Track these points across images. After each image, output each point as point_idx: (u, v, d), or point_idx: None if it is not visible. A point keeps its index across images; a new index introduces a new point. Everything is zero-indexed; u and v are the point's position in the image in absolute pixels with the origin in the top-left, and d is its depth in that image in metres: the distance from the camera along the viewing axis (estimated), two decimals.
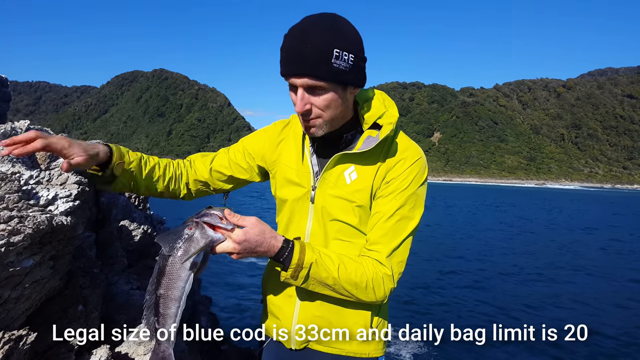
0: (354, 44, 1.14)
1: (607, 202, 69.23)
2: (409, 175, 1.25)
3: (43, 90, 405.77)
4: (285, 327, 1.37)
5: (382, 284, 1.22)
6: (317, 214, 1.31)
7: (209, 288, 8.48)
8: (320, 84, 1.12)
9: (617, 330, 8.11)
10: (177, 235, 1.11)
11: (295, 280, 1.19)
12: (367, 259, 1.24)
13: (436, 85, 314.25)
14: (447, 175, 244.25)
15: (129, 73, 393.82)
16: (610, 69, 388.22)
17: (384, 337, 1.38)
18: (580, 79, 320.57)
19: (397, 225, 1.24)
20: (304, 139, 1.36)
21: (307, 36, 1.09)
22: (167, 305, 1.11)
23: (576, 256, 16.40)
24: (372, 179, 1.26)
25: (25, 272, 1.33)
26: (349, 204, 1.26)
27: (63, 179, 1.82)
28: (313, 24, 1.11)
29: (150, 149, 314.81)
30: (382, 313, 1.37)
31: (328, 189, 1.28)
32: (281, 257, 1.16)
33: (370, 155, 1.26)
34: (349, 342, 1.33)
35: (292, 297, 1.35)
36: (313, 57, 1.09)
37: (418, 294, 10.08)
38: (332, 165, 1.27)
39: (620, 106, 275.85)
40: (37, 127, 2.09)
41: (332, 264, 1.19)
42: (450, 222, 26.78)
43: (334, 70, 1.11)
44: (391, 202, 1.24)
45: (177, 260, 1.10)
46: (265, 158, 1.44)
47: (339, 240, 1.30)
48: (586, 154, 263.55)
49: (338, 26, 1.12)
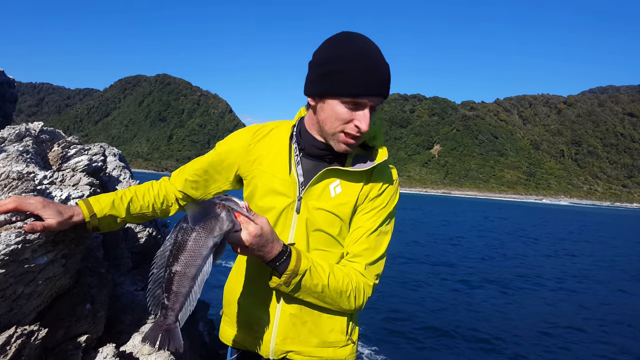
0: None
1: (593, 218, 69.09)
2: (388, 193, 1.36)
3: (46, 91, 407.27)
4: (265, 337, 1.37)
5: (362, 293, 1.29)
6: (301, 224, 1.32)
7: (207, 293, 8.48)
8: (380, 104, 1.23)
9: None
10: (205, 210, 1.03)
11: (288, 286, 1.19)
12: (351, 269, 1.30)
13: (437, 98, 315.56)
14: (446, 188, 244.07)
15: (132, 77, 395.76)
16: (611, 86, 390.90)
17: (356, 341, 1.43)
18: (581, 96, 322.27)
19: (377, 240, 1.33)
20: (290, 149, 1.36)
21: (383, 58, 1.18)
22: (182, 283, 1.03)
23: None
24: (356, 195, 1.31)
25: (39, 269, 1.36)
26: (332, 216, 1.30)
27: (76, 180, 1.87)
28: (375, 46, 1.20)
29: (151, 153, 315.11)
30: (354, 318, 1.43)
31: (313, 200, 1.31)
32: (278, 261, 1.16)
33: (356, 172, 1.32)
34: (326, 350, 1.36)
35: (272, 307, 1.35)
36: (389, 79, 1.20)
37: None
38: (319, 178, 1.30)
39: (620, 124, 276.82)
40: (49, 129, 2.15)
41: (324, 272, 1.23)
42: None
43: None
44: (373, 219, 1.32)
45: (202, 237, 1.02)
46: (238, 164, 1.42)
47: (319, 250, 1.33)
48: (586, 171, 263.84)
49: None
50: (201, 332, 4.17)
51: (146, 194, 1.46)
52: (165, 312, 1.05)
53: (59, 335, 1.55)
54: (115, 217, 1.38)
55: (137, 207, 1.42)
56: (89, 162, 2.04)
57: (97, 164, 2.11)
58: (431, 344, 7.62)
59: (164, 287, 1.04)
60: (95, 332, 1.69)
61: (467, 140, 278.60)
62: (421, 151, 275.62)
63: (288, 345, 1.35)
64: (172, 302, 1.04)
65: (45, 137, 2.04)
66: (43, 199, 1.27)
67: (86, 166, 2.01)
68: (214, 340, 4.15)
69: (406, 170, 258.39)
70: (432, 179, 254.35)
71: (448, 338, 7.94)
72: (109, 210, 1.36)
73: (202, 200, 1.09)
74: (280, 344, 1.35)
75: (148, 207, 1.44)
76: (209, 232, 1.02)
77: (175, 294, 1.03)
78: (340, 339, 1.36)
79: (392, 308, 9.57)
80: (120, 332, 1.86)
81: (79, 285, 1.69)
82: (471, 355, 7.25)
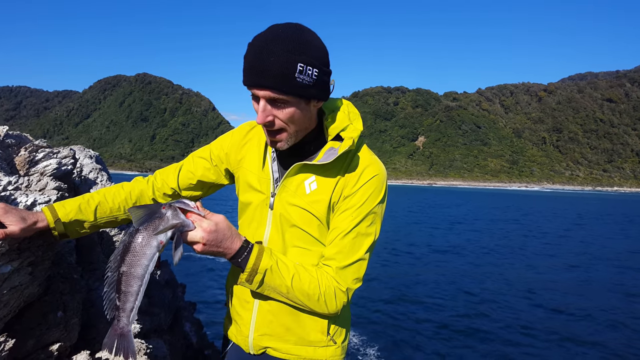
0: (319, 58, 1.13)
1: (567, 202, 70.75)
2: (365, 192, 1.25)
3: (24, 95, 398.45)
4: (244, 331, 1.38)
5: (334, 297, 1.23)
6: (276, 221, 1.30)
7: (193, 294, 8.43)
8: (282, 97, 1.12)
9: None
10: (148, 212, 1.09)
11: (251, 284, 1.20)
12: (323, 272, 1.24)
13: (420, 90, 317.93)
14: (431, 179, 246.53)
15: (112, 77, 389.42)
16: (590, 73, 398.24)
17: (341, 344, 1.38)
18: (561, 83, 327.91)
19: (353, 242, 1.24)
20: (266, 145, 1.35)
21: (271, 48, 1.08)
22: (129, 282, 1.08)
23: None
24: (330, 192, 1.25)
25: (3, 278, 1.32)
26: (307, 213, 1.26)
27: (42, 184, 1.81)
28: (278, 36, 1.09)
29: (134, 154, 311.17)
30: (340, 321, 1.37)
31: (288, 196, 1.28)
32: (239, 257, 1.16)
33: (331, 168, 1.26)
34: (305, 348, 1.33)
35: (250, 302, 1.35)
36: (277, 70, 1.07)
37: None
38: (292, 174, 1.27)
39: (600, 110, 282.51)
40: (15, 133, 2.08)
41: (288, 273, 1.20)
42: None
43: (297, 84, 1.10)
44: (348, 219, 1.24)
45: (145, 237, 1.08)
46: (229, 160, 1.44)
47: (297, 248, 1.30)
48: (567, 157, 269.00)
49: (303, 39, 1.10)
50: (187, 333, 4.13)
51: (116, 195, 1.40)
52: (118, 313, 1.10)
53: (29, 345, 1.50)
54: (82, 221, 1.33)
55: (106, 210, 1.37)
56: (57, 166, 1.98)
57: (67, 167, 2.05)
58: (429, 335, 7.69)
59: (115, 289, 1.09)
60: (68, 340, 1.65)
61: (450, 131, 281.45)
62: (406, 143, 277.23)
63: (266, 341, 1.34)
64: (123, 302, 1.09)
65: (10, 141, 1.97)
66: (5, 205, 1.23)
67: (55, 170, 1.95)
68: (201, 339, 4.12)
69: (392, 162, 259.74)
70: (417, 170, 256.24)
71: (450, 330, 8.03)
72: (74, 215, 1.31)
73: (147, 205, 1.13)
74: (258, 339, 1.35)
75: (119, 209, 1.39)
76: (152, 231, 1.07)
77: (124, 293, 1.09)
78: (321, 339, 1.33)
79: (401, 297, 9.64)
80: (95, 338, 1.82)
81: (50, 292, 1.65)
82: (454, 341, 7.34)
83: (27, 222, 1.22)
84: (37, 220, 1.25)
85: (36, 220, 1.25)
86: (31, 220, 1.24)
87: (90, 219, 1.34)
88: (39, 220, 1.26)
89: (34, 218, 1.25)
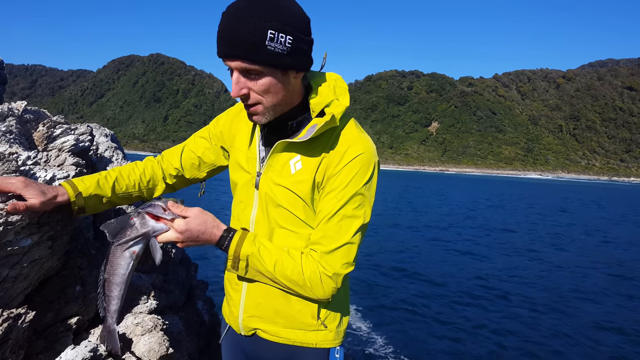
0: (293, 24, 1.06)
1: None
2: (350, 172, 1.17)
3: (39, 73, 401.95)
4: (234, 312, 1.39)
5: (320, 283, 1.19)
6: (262, 200, 1.27)
7: (205, 274, 8.53)
8: (255, 68, 1.06)
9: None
10: (119, 224, 1.19)
11: (237, 270, 1.23)
12: (308, 257, 1.20)
13: (435, 74, 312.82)
14: (443, 165, 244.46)
15: (125, 57, 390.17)
16: (611, 59, 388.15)
17: (336, 329, 1.34)
18: (581, 70, 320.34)
19: (339, 225, 1.19)
20: (255, 124, 1.33)
21: (241, 16, 1.02)
22: (110, 288, 1.24)
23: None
24: (314, 172, 1.20)
25: (24, 252, 1.33)
26: (291, 194, 1.22)
27: (61, 160, 1.82)
28: (250, 3, 1.03)
29: (147, 135, 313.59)
30: (333, 306, 1.33)
31: (274, 176, 1.24)
32: (222, 245, 1.20)
33: (315, 147, 1.20)
34: (295, 332, 1.31)
35: (239, 284, 1.36)
36: (245, 38, 1.01)
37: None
38: (276, 152, 1.23)
39: (619, 98, 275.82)
40: (34, 109, 2.08)
41: (270, 259, 1.19)
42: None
43: (268, 53, 1.03)
44: (332, 202, 1.18)
45: (117, 248, 1.20)
46: (224, 139, 1.44)
47: (284, 229, 1.26)
48: (584, 146, 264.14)
49: (276, 5, 1.04)
50: (200, 311, 4.19)
51: (131, 173, 1.45)
52: (105, 313, 1.27)
53: (48, 318, 1.53)
54: (101, 197, 1.36)
55: (122, 187, 1.41)
56: (75, 142, 1.98)
57: (84, 143, 2.06)
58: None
59: (102, 292, 1.25)
60: (86, 313, 1.68)
61: (465, 117, 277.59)
62: (419, 129, 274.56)
63: (255, 322, 1.35)
64: (107, 303, 1.26)
65: (29, 116, 1.98)
66: (25, 179, 1.24)
67: (73, 146, 1.96)
68: (213, 318, 4.17)
69: (404, 148, 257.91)
70: (430, 156, 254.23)
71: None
72: (94, 189, 1.34)
73: (118, 218, 1.22)
74: (247, 320, 1.36)
75: (134, 186, 1.44)
76: (124, 243, 1.19)
77: (108, 297, 1.25)
78: (311, 323, 1.30)
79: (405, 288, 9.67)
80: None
81: (69, 267, 1.67)
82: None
83: (47, 196, 1.23)
84: (56, 194, 1.26)
85: (56, 194, 1.26)
86: (51, 194, 1.25)
87: (108, 194, 1.37)
88: (59, 194, 1.27)
89: (54, 192, 1.26)
